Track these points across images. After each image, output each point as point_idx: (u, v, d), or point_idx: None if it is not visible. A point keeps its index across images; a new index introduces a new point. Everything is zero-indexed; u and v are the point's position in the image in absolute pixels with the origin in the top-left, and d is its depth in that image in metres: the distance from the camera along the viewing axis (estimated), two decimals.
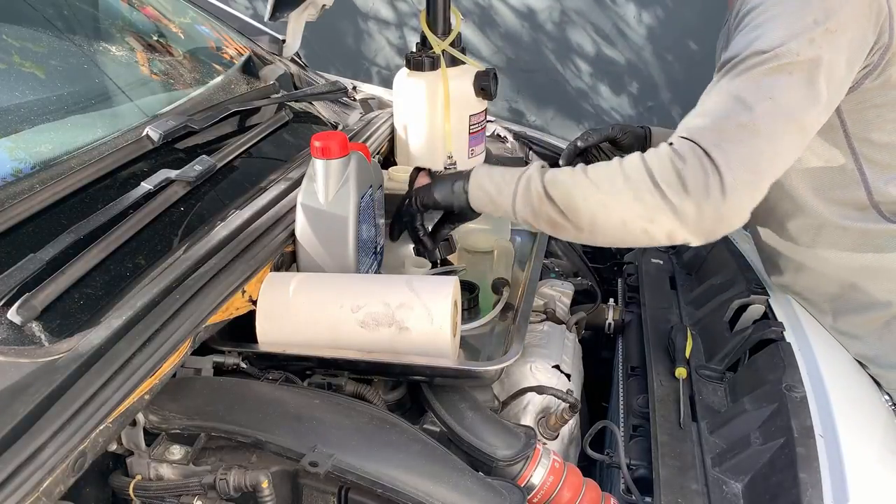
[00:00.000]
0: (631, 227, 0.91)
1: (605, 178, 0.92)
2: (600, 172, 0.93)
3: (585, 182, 0.93)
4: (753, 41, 0.89)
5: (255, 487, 0.78)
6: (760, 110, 0.85)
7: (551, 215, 0.96)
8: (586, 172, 0.94)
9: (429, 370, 0.95)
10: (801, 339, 1.07)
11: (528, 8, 3.86)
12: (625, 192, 0.89)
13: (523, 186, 0.99)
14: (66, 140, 1.08)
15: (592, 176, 0.93)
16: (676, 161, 0.86)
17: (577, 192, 0.94)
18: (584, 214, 0.94)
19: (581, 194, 0.93)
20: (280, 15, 1.59)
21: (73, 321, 0.82)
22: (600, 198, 0.92)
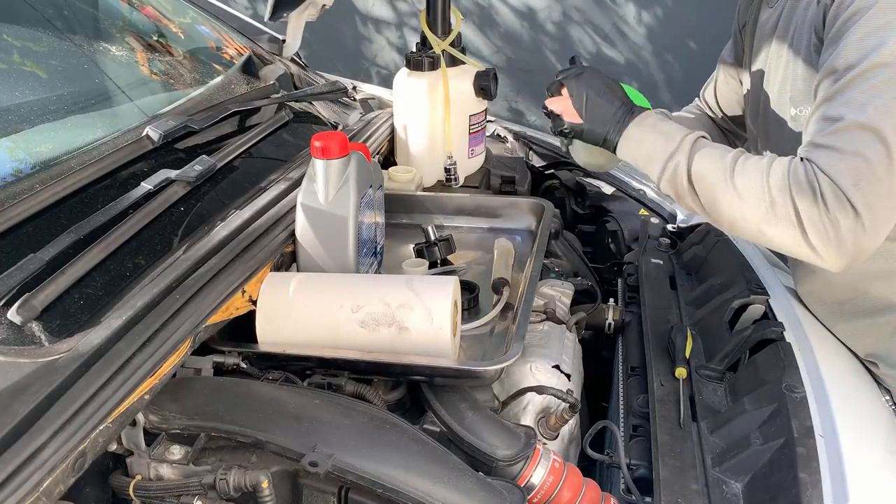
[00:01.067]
0: (767, 241, 0.93)
1: (752, 194, 0.91)
2: (748, 183, 0.92)
3: (731, 191, 0.93)
4: (876, 48, 0.85)
5: (255, 487, 0.78)
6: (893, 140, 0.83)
7: (691, 204, 0.99)
8: (734, 178, 0.93)
9: (429, 370, 0.95)
10: (801, 339, 1.07)
11: (528, 8, 3.86)
12: (770, 217, 0.90)
13: (671, 170, 0.99)
14: (66, 140, 1.08)
15: (739, 185, 0.92)
16: (820, 204, 0.85)
17: (722, 197, 0.94)
18: (724, 218, 0.96)
19: (725, 201, 0.94)
20: (280, 15, 1.59)
21: (73, 321, 0.82)
22: (744, 212, 0.92)
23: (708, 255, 1.32)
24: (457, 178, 1.55)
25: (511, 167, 1.69)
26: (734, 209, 0.94)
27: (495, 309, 1.14)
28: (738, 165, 0.94)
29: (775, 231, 0.91)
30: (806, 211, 0.87)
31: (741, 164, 0.94)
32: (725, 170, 0.94)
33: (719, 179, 0.94)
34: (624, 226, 1.55)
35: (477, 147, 1.62)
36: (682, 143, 0.99)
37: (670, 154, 0.99)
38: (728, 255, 1.27)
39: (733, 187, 0.93)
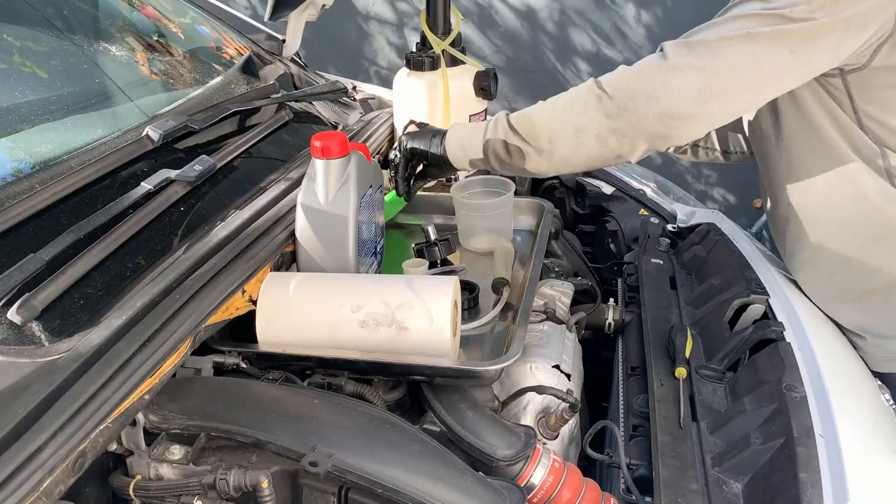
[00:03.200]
0: (583, 136, 1.02)
1: (560, 98, 1.06)
2: (558, 96, 1.07)
3: (544, 106, 1.08)
4: None
5: (255, 487, 0.78)
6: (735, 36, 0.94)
7: (517, 145, 1.09)
8: (547, 101, 1.08)
9: (429, 370, 0.95)
10: (801, 339, 1.07)
11: (528, 8, 3.86)
12: (576, 103, 1.03)
13: (492, 125, 1.12)
14: (66, 140, 1.08)
15: (550, 100, 1.07)
16: (627, 68, 1.00)
17: (536, 113, 1.08)
18: (542, 133, 1.06)
19: (538, 115, 1.07)
20: (280, 15, 1.59)
21: (73, 321, 0.82)
22: (555, 114, 1.06)
23: (708, 255, 1.32)
24: (457, 178, 1.55)
25: None
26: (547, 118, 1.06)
27: (495, 309, 1.14)
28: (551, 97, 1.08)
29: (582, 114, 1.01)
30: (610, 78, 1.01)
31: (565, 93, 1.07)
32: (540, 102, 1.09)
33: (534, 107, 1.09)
34: (624, 226, 1.55)
35: None
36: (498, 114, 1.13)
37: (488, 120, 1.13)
38: (728, 255, 1.27)
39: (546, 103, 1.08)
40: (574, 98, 1.04)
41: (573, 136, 1.03)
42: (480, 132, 1.13)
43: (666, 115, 0.96)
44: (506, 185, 1.35)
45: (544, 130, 1.06)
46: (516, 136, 1.08)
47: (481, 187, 1.38)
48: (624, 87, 0.99)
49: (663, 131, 0.98)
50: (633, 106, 0.97)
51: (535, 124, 1.07)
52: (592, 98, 1.01)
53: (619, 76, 1.01)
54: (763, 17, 0.94)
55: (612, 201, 1.63)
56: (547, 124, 1.06)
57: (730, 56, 0.94)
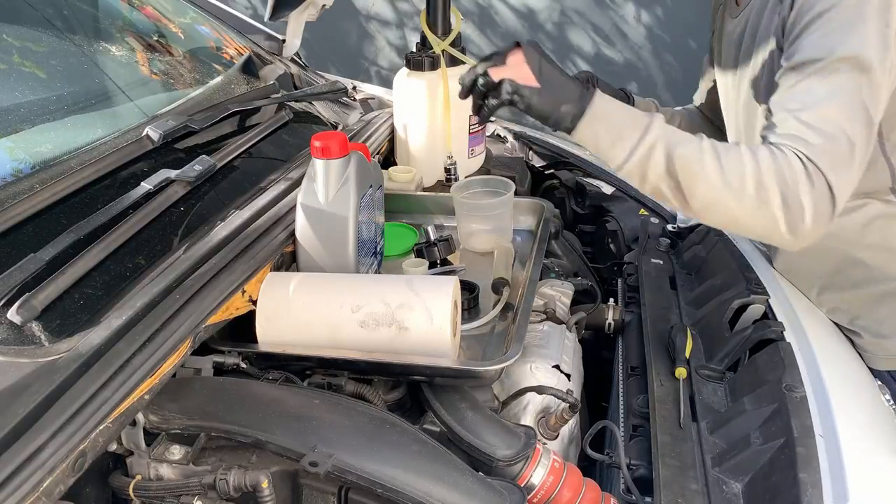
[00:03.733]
0: (742, 224, 0.94)
1: (737, 176, 0.91)
2: (733, 166, 0.91)
3: (716, 171, 0.91)
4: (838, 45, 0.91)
5: (255, 487, 0.78)
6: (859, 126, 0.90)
7: (662, 187, 0.95)
8: (719, 159, 0.92)
9: (429, 370, 0.95)
10: (801, 339, 1.07)
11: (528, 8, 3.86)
12: (754, 200, 0.90)
13: (643, 152, 0.93)
14: (66, 140, 1.08)
15: (725, 166, 0.91)
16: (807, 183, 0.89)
17: (703, 179, 0.92)
18: (699, 200, 0.93)
19: (706, 182, 0.92)
20: (280, 15, 1.59)
21: (73, 321, 0.82)
22: (725, 194, 0.91)
23: (708, 255, 1.32)
24: (457, 177, 1.55)
25: (511, 167, 1.69)
26: (714, 195, 0.92)
27: (495, 309, 1.14)
28: (720, 149, 0.93)
29: (754, 216, 0.91)
30: (794, 192, 0.89)
31: (723, 149, 0.93)
32: (708, 153, 0.92)
33: (701, 161, 0.92)
34: (624, 226, 1.55)
35: (477, 147, 1.62)
36: (653, 123, 0.95)
37: (643, 132, 0.94)
38: (728, 255, 1.27)
39: (718, 173, 0.91)
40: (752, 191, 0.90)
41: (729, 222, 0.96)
42: (627, 145, 0.94)
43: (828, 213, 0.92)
44: (506, 185, 1.35)
45: (703, 201, 0.93)
46: (668, 186, 0.94)
47: (481, 187, 1.38)
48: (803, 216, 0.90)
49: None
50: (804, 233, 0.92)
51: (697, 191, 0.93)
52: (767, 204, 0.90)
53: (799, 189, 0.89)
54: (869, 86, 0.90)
55: (612, 201, 1.63)
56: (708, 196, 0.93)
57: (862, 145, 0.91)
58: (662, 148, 0.93)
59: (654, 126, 0.94)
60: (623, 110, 0.98)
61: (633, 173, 0.96)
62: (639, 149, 0.94)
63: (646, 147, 0.93)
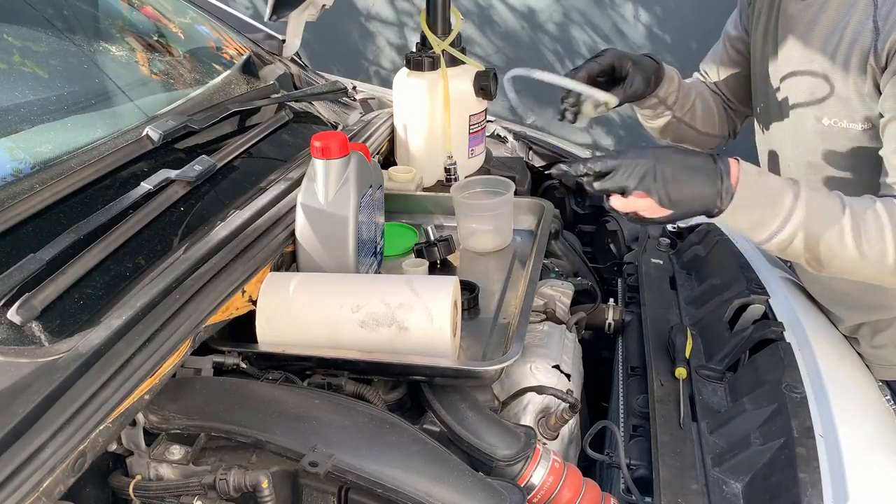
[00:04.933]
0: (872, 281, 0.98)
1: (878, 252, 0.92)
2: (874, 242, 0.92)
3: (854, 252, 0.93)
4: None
5: (255, 487, 0.78)
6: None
7: (800, 260, 0.98)
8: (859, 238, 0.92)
9: (429, 370, 0.95)
10: (801, 339, 1.07)
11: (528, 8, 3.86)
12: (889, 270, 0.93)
13: (784, 238, 0.94)
14: (66, 140, 1.08)
15: (866, 245, 0.92)
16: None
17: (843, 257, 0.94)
18: (836, 269, 0.97)
19: (844, 258, 0.94)
20: (280, 15, 1.59)
21: (73, 321, 0.82)
22: (861, 266, 0.94)
23: (708, 255, 1.32)
24: (457, 177, 1.55)
25: (511, 167, 1.69)
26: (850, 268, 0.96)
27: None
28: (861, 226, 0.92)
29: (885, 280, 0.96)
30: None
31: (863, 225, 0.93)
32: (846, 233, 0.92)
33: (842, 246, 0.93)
34: (624, 226, 1.55)
35: (477, 147, 1.62)
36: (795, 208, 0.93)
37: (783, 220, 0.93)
38: (728, 255, 1.27)
39: (857, 252, 0.93)
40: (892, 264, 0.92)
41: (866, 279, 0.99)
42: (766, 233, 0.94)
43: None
44: (506, 185, 1.35)
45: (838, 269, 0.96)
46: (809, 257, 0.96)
47: (481, 187, 1.38)
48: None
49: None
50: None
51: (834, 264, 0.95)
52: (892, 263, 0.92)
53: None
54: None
55: None
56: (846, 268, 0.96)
57: None
58: (802, 236, 0.93)
59: (796, 214, 0.93)
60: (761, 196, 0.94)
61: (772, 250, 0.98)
62: (779, 235, 0.94)
63: (787, 234, 0.93)
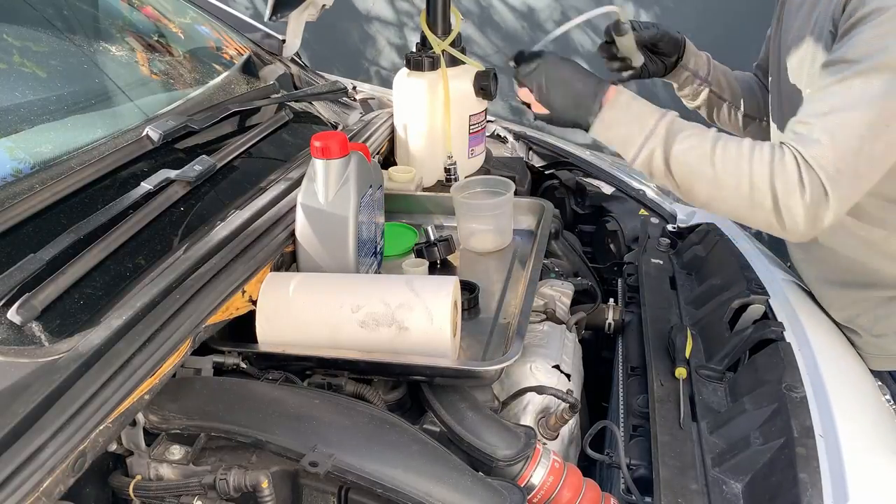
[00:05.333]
0: (743, 219, 1.00)
1: (732, 178, 0.96)
2: (729, 168, 0.96)
3: (710, 174, 0.97)
4: (881, 51, 0.88)
5: (255, 487, 0.78)
6: (878, 142, 0.90)
7: (667, 184, 1.03)
8: (713, 161, 0.96)
9: (429, 370, 0.95)
10: (801, 339, 1.07)
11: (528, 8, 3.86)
12: (746, 200, 0.96)
13: (646, 154, 1.01)
14: (66, 140, 1.08)
15: (720, 169, 0.96)
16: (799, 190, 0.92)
17: (700, 180, 0.98)
18: (699, 198, 1.01)
19: (703, 184, 0.98)
20: (280, 15, 1.59)
21: (73, 321, 0.82)
22: (721, 194, 0.97)
23: (708, 255, 1.32)
24: (457, 177, 1.55)
25: (511, 167, 1.69)
26: (711, 193, 0.99)
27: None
28: (719, 151, 0.97)
29: (751, 214, 0.97)
30: (784, 198, 0.93)
31: (721, 150, 0.97)
32: (704, 155, 0.97)
33: (697, 165, 0.98)
34: (624, 226, 1.55)
35: (477, 147, 1.62)
36: (658, 126, 1.01)
37: (646, 137, 1.01)
38: (728, 255, 1.27)
39: (713, 174, 0.97)
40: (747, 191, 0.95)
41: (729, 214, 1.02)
42: (633, 148, 1.02)
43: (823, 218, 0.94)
44: (506, 185, 1.35)
45: (703, 197, 1.00)
46: (671, 182, 1.01)
47: (481, 187, 1.38)
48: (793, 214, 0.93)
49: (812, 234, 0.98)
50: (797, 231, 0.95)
51: (696, 189, 0.99)
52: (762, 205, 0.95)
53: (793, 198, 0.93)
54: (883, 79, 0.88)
55: (612, 201, 1.63)
56: (709, 195, 0.99)
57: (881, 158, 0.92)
58: (662, 151, 1.00)
59: (658, 130, 1.00)
60: (629, 116, 1.03)
61: (641, 169, 1.04)
62: (642, 153, 1.02)
63: (648, 151, 1.01)
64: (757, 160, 0.94)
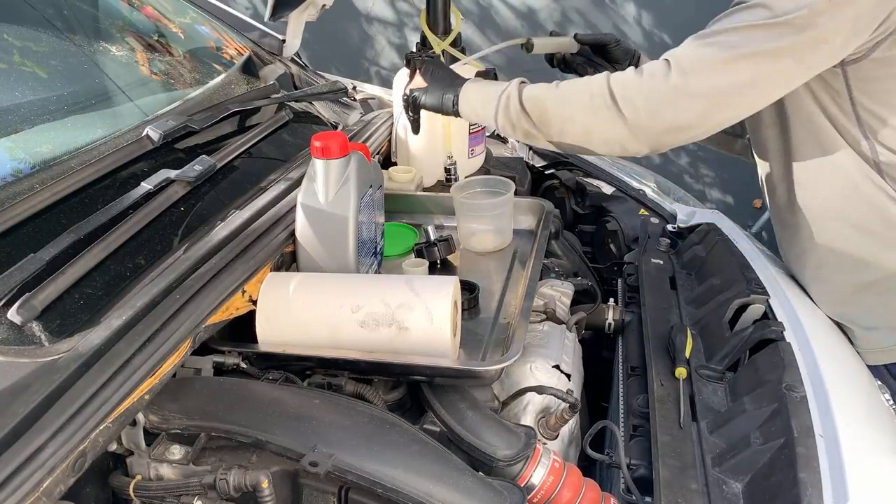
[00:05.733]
0: (593, 136, 1.05)
1: (573, 93, 1.06)
2: (570, 87, 1.07)
3: (556, 96, 1.08)
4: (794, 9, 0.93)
5: (255, 487, 0.78)
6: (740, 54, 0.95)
7: (526, 127, 1.10)
8: (558, 87, 1.08)
9: (429, 370, 0.95)
10: (801, 339, 1.07)
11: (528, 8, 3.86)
12: (588, 106, 1.04)
13: (503, 102, 1.11)
14: (66, 140, 1.08)
15: (563, 91, 1.07)
16: (638, 78, 1.00)
17: (549, 105, 1.08)
18: (553, 125, 1.08)
19: (552, 107, 1.07)
20: (280, 15, 1.59)
21: (73, 321, 0.82)
22: (568, 111, 1.06)
23: (708, 255, 1.32)
24: (457, 177, 1.55)
25: (511, 167, 1.69)
26: (561, 113, 1.07)
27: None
28: (564, 83, 1.08)
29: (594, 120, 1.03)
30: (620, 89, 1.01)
31: (566, 81, 1.08)
32: (551, 87, 1.09)
33: (546, 93, 1.08)
34: (624, 226, 1.55)
35: (477, 147, 1.62)
36: (510, 84, 1.12)
37: (501, 91, 1.12)
38: (728, 255, 1.27)
39: (559, 94, 1.07)
40: (587, 99, 1.04)
41: (582, 135, 1.06)
42: (492, 105, 1.13)
43: (671, 129, 1.00)
44: (506, 185, 1.35)
45: (556, 121, 1.07)
46: (528, 120, 1.09)
47: (481, 187, 1.38)
48: (633, 102, 1.00)
49: (666, 141, 1.02)
50: (639, 121, 1.00)
51: (548, 113, 1.08)
52: (603, 105, 1.02)
53: (629, 88, 1.01)
54: (768, 28, 0.94)
55: (612, 201, 1.63)
56: (559, 116, 1.07)
57: (734, 75, 0.96)
58: (516, 94, 1.10)
59: (512, 84, 1.12)
60: (490, 83, 1.18)
61: (505, 126, 1.13)
62: (500, 102, 1.12)
63: (504, 99, 1.11)
64: (597, 75, 1.05)
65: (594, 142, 1.06)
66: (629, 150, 1.05)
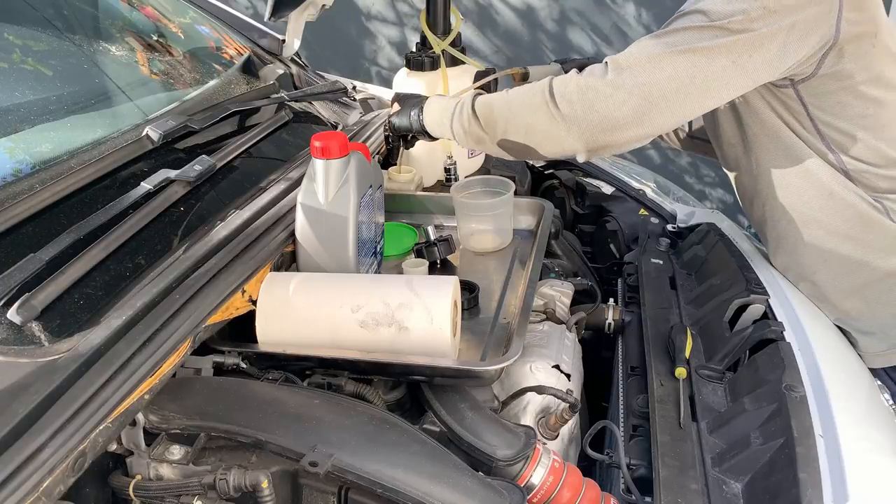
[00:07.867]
0: (534, 133, 1.09)
1: (519, 94, 1.11)
2: (518, 90, 1.12)
3: (504, 99, 1.13)
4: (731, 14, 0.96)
5: (255, 487, 0.78)
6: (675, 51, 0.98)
7: (476, 130, 1.16)
8: (507, 93, 1.13)
9: (429, 370, 0.95)
10: (801, 339, 1.07)
11: (528, 8, 3.86)
12: (529, 104, 1.08)
13: (458, 110, 1.18)
14: (66, 140, 1.08)
15: (511, 94, 1.13)
16: (577, 77, 1.04)
17: (496, 106, 1.13)
18: (499, 125, 1.12)
19: (498, 108, 1.12)
20: (280, 15, 1.59)
21: (73, 321, 0.82)
22: (513, 110, 1.11)
23: (708, 255, 1.32)
24: (457, 177, 1.55)
25: (511, 167, 1.69)
26: (504, 113, 1.11)
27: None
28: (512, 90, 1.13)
29: (534, 116, 1.07)
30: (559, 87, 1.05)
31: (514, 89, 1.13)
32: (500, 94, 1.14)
33: (496, 97, 1.14)
34: (624, 226, 1.55)
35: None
36: (466, 96, 1.19)
37: (458, 102, 1.19)
38: (728, 255, 1.27)
39: (506, 97, 1.12)
40: (529, 97, 1.09)
41: (524, 132, 1.10)
42: (449, 113, 1.20)
43: (606, 126, 1.02)
44: (506, 185, 1.35)
45: (501, 121, 1.12)
46: (476, 124, 1.15)
47: (481, 187, 1.38)
48: (569, 97, 1.04)
49: (603, 140, 1.04)
50: (574, 116, 1.03)
51: (494, 114, 1.13)
52: (542, 101, 1.06)
53: (567, 85, 1.05)
54: (704, 30, 0.97)
55: (612, 201, 1.63)
56: (503, 115, 1.12)
57: (669, 70, 0.98)
58: (469, 101, 1.16)
59: (468, 94, 1.19)
60: (445, 99, 1.26)
61: (458, 132, 1.18)
62: (455, 110, 1.18)
63: (458, 107, 1.18)
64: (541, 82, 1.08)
65: (535, 139, 1.10)
66: (566, 147, 1.08)
